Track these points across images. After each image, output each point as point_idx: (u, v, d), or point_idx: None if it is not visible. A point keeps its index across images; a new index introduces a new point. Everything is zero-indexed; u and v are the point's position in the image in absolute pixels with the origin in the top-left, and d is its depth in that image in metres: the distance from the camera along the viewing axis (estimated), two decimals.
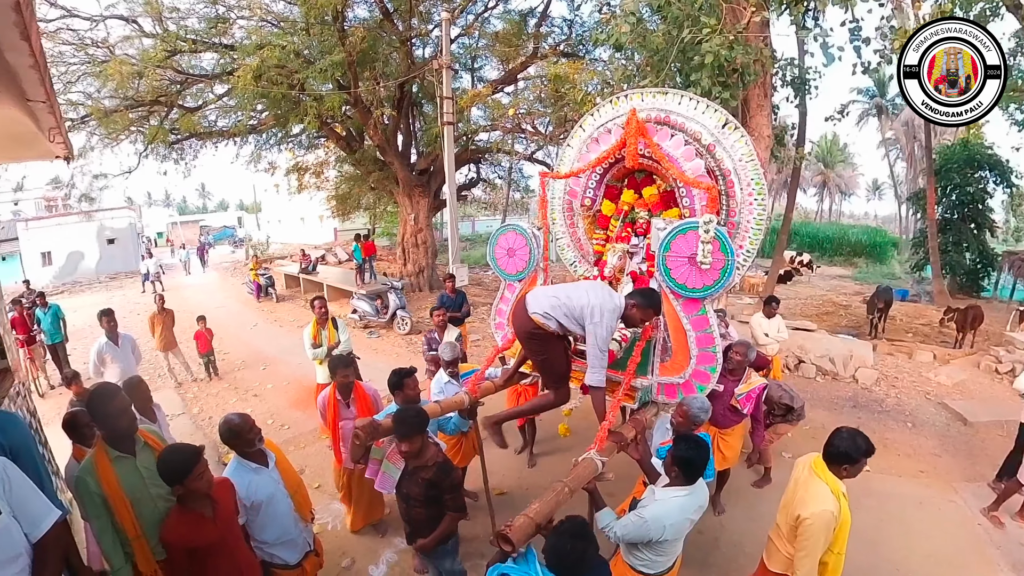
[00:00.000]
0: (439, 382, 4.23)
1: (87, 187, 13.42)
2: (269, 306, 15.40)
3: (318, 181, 17.12)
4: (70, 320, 9.78)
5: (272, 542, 2.97)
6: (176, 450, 2.44)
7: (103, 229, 26.82)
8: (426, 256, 14.58)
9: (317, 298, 5.97)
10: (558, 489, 2.59)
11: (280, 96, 10.52)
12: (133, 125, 12.14)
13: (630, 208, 4.39)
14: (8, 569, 1.83)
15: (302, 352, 5.81)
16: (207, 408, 7.74)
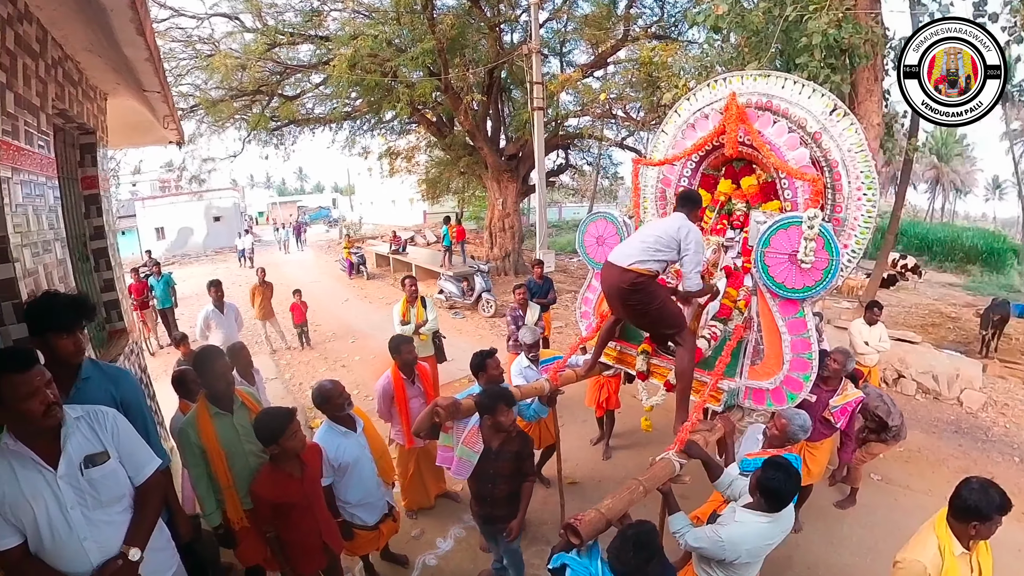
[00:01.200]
0: (519, 366, 4.22)
1: (197, 169, 14.63)
2: (360, 283, 16.15)
3: (409, 165, 17.75)
4: (179, 288, 10.89)
5: (355, 503, 3.15)
6: (272, 412, 2.62)
7: (210, 208, 29.60)
8: (512, 241, 14.72)
9: (408, 277, 6.13)
10: (632, 487, 2.52)
11: (373, 84, 10.89)
12: (237, 113, 13.09)
13: (727, 199, 4.16)
14: (113, 507, 2.01)
15: (390, 327, 5.99)
16: (298, 375, 8.32)
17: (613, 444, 5.30)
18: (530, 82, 10.18)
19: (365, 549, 3.40)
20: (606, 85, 12.54)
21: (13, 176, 2.51)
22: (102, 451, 1.97)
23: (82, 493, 1.90)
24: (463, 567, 3.79)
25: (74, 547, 1.88)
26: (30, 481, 1.82)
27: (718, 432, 3.12)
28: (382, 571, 3.74)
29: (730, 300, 3.67)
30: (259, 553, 2.89)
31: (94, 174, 4.28)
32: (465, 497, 4.34)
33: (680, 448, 2.81)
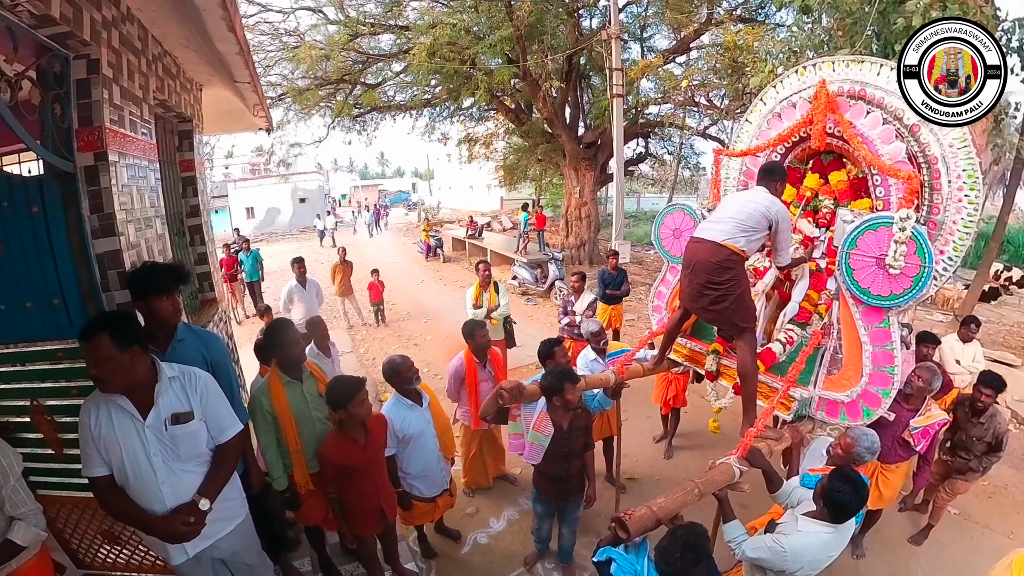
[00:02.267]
0: (585, 358, 4.21)
1: (284, 154, 15.47)
2: (436, 265, 16.60)
3: (487, 152, 17.89)
4: (266, 264, 11.66)
5: (415, 474, 3.30)
6: (343, 380, 2.79)
7: (296, 190, 31.45)
8: (588, 230, 14.53)
9: (482, 262, 6.23)
10: (687, 488, 2.45)
11: (452, 71, 11.05)
12: (322, 101, 13.66)
13: (813, 195, 3.87)
14: (191, 462, 2.22)
15: (462, 310, 6.12)
16: (372, 350, 8.76)
17: (676, 444, 5.17)
18: (609, 68, 9.90)
19: (420, 520, 3.55)
20: (688, 71, 12.03)
21: (119, 160, 2.77)
22: (188, 411, 2.18)
23: (164, 445, 2.13)
24: (512, 548, 3.86)
25: (152, 488, 2.12)
26: (123, 425, 2.07)
27: (784, 442, 2.96)
28: (435, 543, 3.88)
29: (810, 303, 3.45)
30: (320, 514, 3.09)
31: (191, 158, 4.66)
32: (522, 480, 4.45)
33: (742, 454, 2.69)
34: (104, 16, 2.65)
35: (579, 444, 3.18)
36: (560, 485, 3.23)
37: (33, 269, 2.57)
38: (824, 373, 3.18)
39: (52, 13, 2.15)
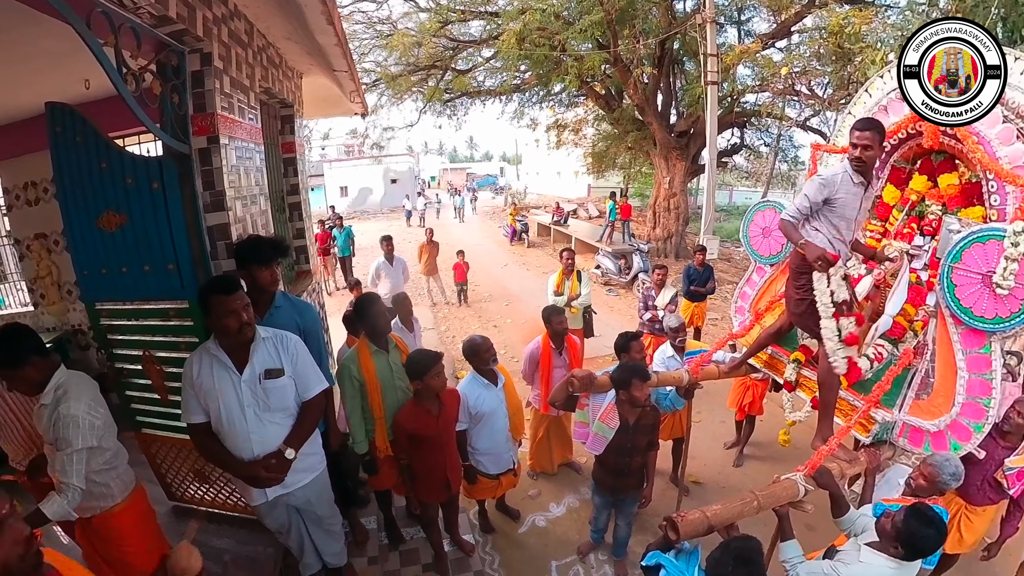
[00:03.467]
0: (662, 354, 4.16)
1: (377, 137, 16.26)
2: (520, 250, 16.75)
3: (576, 138, 17.69)
4: (357, 240, 12.30)
5: (482, 451, 3.41)
6: (423, 352, 2.97)
7: (388, 171, 32.77)
8: (676, 223, 14.06)
9: (566, 250, 6.21)
10: (746, 499, 2.37)
11: (542, 57, 11.02)
12: (414, 86, 14.14)
13: (919, 198, 3.52)
14: (278, 415, 2.45)
15: (543, 295, 6.15)
16: (452, 328, 9.05)
17: (748, 452, 4.95)
18: (704, 54, 9.45)
19: (483, 495, 3.68)
20: (789, 57, 10.99)
21: (229, 143, 3.04)
22: (279, 368, 2.41)
23: (256, 397, 2.36)
24: (568, 535, 3.91)
25: (243, 437, 2.35)
26: (221, 378, 2.32)
27: (858, 466, 2.75)
28: (494, 519, 4.00)
29: (906, 319, 3.14)
30: (391, 479, 3.29)
31: (292, 140, 5.01)
32: (587, 470, 4.44)
33: (810, 472, 2.56)
34: (215, 14, 2.91)
35: (643, 441, 3.15)
36: (619, 479, 3.23)
37: (152, 237, 2.90)
38: (912, 397, 2.91)
39: (170, 13, 2.41)
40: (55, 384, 2.17)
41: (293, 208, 5.20)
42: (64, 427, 2.09)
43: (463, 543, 3.64)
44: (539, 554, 3.74)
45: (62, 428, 2.09)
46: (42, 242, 5.20)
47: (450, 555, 3.55)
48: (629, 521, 3.46)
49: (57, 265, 5.20)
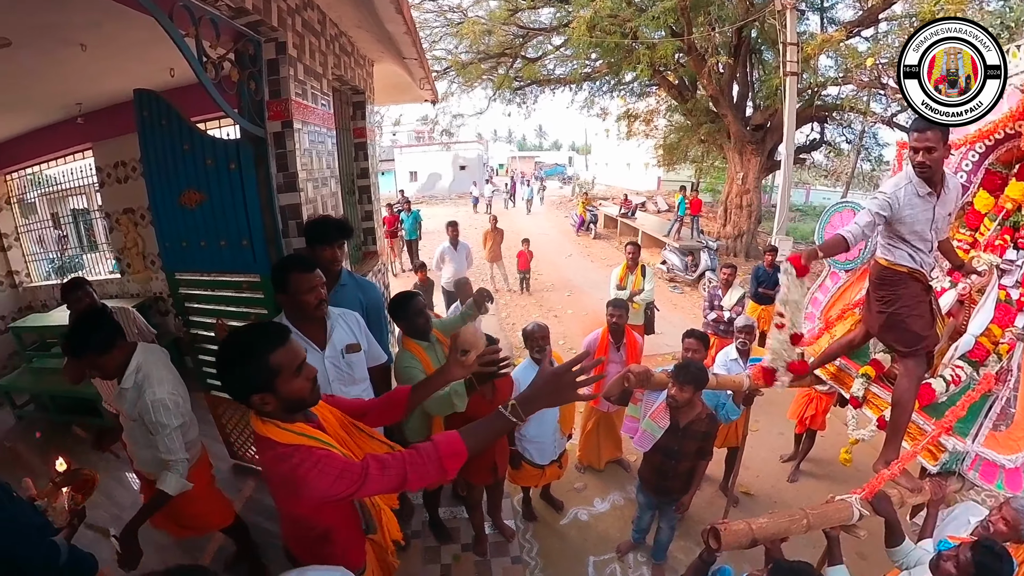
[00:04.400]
0: (725, 356, 4.05)
1: (447, 123, 16.54)
2: (585, 241, 16.60)
3: (647, 129, 17.19)
4: (424, 224, 12.57)
5: (530, 438, 3.43)
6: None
7: (457, 158, 33.37)
8: (748, 221, 13.42)
9: (631, 243, 6.13)
10: (795, 516, 2.27)
11: (613, 45, 10.76)
12: (484, 74, 14.15)
13: (1015, 207, 3.20)
14: (359, 385, 2.61)
15: (605, 288, 6.14)
16: (513, 315, 9.14)
17: (804, 468, 4.69)
18: (783, 43, 8.93)
19: (527, 482, 3.72)
20: (875, 48, 9.99)
21: (302, 127, 3.19)
22: (357, 343, 2.55)
23: (341, 372, 2.51)
24: (610, 532, 3.89)
25: None
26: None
27: (921, 496, 2.55)
28: (537, 508, 4.04)
29: (990, 340, 2.86)
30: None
31: (363, 126, 5.18)
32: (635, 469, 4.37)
33: (868, 495, 2.41)
34: (289, 4, 3.04)
35: (691, 447, 3.07)
36: (662, 480, 3.18)
37: (229, 214, 3.11)
38: (988, 427, 2.65)
39: (246, 5, 2.55)
40: (135, 367, 2.32)
41: (362, 191, 5.39)
42: (156, 412, 2.27)
43: (504, 527, 3.70)
44: (578, 548, 3.74)
45: (155, 414, 2.27)
46: (130, 216, 5.70)
47: (490, 538, 3.61)
48: (672, 525, 3.40)
49: (142, 237, 5.69)
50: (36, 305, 6.67)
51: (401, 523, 3.56)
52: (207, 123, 4.56)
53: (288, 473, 1.43)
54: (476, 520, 3.49)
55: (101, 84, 4.40)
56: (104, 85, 4.43)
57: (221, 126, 4.76)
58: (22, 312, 6.64)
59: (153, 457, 2.40)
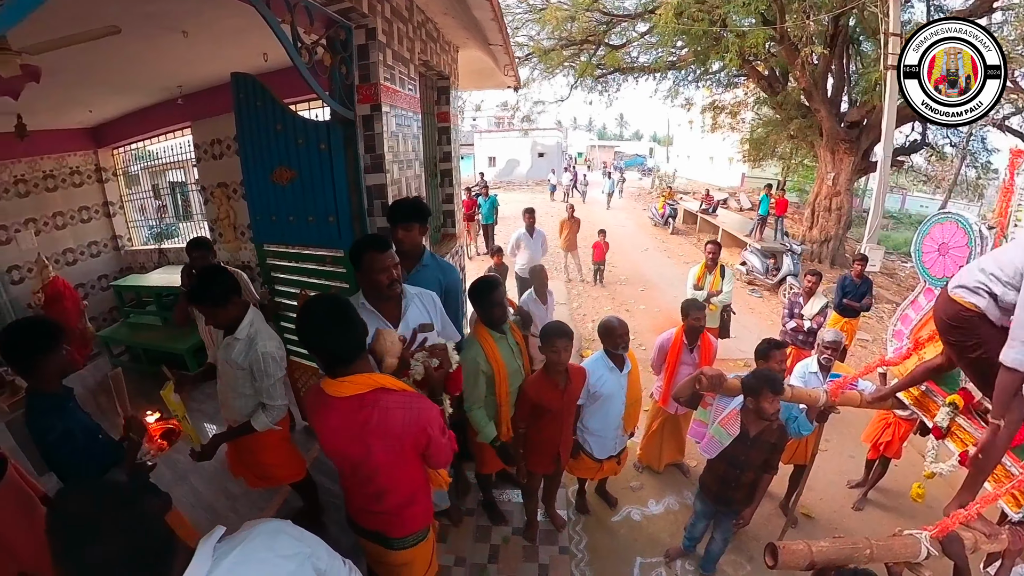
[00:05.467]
0: (804, 368, 3.88)
1: (527, 110, 16.47)
2: (663, 235, 16.17)
3: (733, 122, 16.48)
4: (501, 209, 12.66)
5: (591, 431, 3.42)
6: (558, 324, 2.95)
7: (535, 144, 33.28)
8: (837, 225, 12.52)
9: (712, 242, 5.90)
10: (859, 544, 2.14)
11: (700, 32, 10.31)
12: (566, 61, 13.98)
13: None
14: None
15: (680, 286, 6.03)
16: (584, 307, 9.08)
17: (872, 497, 4.36)
18: (885, 33, 8.08)
19: (582, 473, 3.71)
20: None
21: (390, 111, 3.31)
22: (430, 322, 2.58)
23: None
24: (660, 535, 3.83)
25: None
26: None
27: (998, 543, 2.32)
28: (591, 502, 4.04)
29: None
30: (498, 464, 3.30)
31: (447, 110, 5.29)
32: (694, 475, 4.32)
33: (938, 534, 2.24)
34: None
35: (759, 458, 2.97)
36: (724, 489, 3.09)
37: (317, 192, 3.29)
38: None
39: None
40: (248, 322, 2.60)
41: (444, 174, 5.53)
42: (266, 363, 2.55)
43: (556, 517, 3.72)
44: (627, 546, 3.72)
45: (264, 364, 2.55)
46: (223, 190, 6.16)
47: (541, 525, 3.65)
48: (727, 537, 3.32)
49: (234, 210, 6.15)
50: (135, 267, 7.48)
51: (456, 500, 3.72)
52: (298, 105, 4.81)
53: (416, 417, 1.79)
54: (530, 506, 3.54)
55: (200, 68, 4.74)
56: (203, 69, 4.78)
57: (311, 108, 5.02)
58: (123, 272, 7.48)
59: (243, 406, 2.68)
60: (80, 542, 0.94)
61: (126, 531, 0.97)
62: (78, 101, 5.79)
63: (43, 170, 6.49)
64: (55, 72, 3.33)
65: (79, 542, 0.94)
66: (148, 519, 1.03)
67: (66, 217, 6.86)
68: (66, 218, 6.86)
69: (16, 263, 6.19)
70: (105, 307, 7.11)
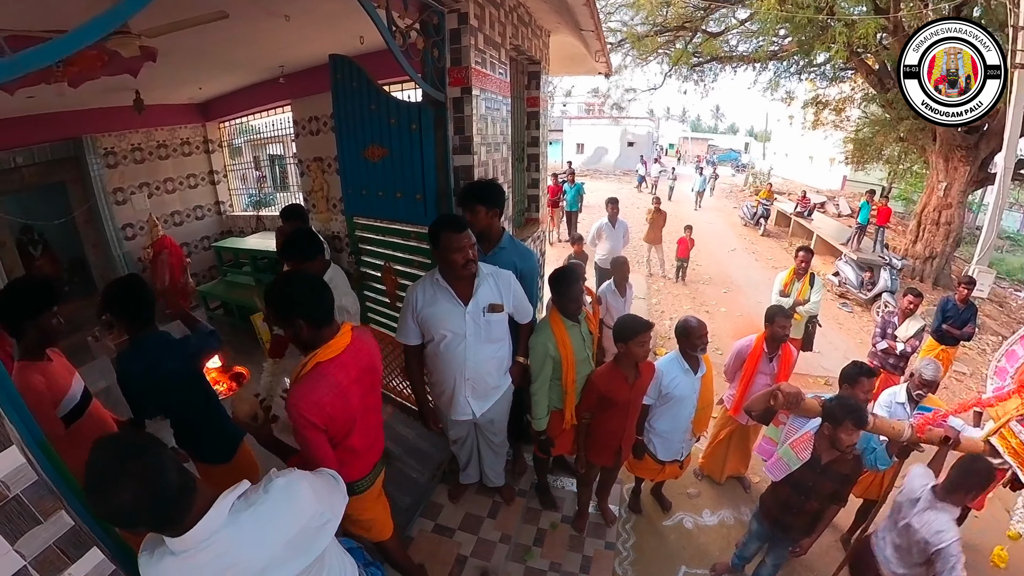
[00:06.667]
0: (891, 397, 3.54)
1: (618, 98, 16.12)
2: (752, 236, 15.44)
3: (837, 119, 15.22)
4: (586, 197, 12.53)
5: (658, 432, 3.37)
6: (635, 318, 2.93)
7: (625, 133, 32.71)
8: (944, 242, 11.23)
9: (804, 248, 5.58)
10: None
11: (806, 20, 9.56)
12: (660, 48, 13.45)
13: None
14: (493, 345, 2.79)
15: (765, 290, 5.78)
16: (663, 303, 8.93)
17: None
18: (1013, 26, 7.24)
19: (642, 473, 3.68)
20: None
21: (480, 94, 3.39)
22: (500, 304, 2.70)
23: (478, 329, 2.69)
24: (709, 549, 3.71)
25: (459, 361, 2.73)
26: (448, 309, 2.67)
27: None
28: (645, 501, 3.99)
29: None
30: (566, 447, 3.34)
31: (536, 95, 5.33)
32: (754, 491, 4.17)
33: None
34: None
35: (828, 488, 2.75)
36: (785, 514, 2.91)
37: (406, 170, 3.43)
38: None
39: None
40: (329, 277, 2.82)
41: (531, 159, 5.59)
42: (340, 315, 2.67)
43: (607, 511, 3.71)
44: (674, 553, 3.64)
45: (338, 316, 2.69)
46: (319, 164, 6.58)
47: (591, 517, 3.66)
48: (778, 564, 3.14)
49: (327, 183, 6.56)
50: (235, 230, 8.27)
51: (511, 479, 3.80)
52: (391, 86, 5.00)
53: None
54: (583, 497, 3.55)
55: (300, 50, 5.06)
56: (303, 50, 5.09)
57: (404, 89, 5.22)
58: (223, 235, 8.34)
59: None
60: (98, 488, 1.09)
61: (138, 479, 1.10)
62: (189, 79, 6.36)
63: (157, 140, 7.35)
64: (169, 53, 3.70)
65: (98, 487, 1.09)
66: (160, 469, 1.15)
67: (175, 183, 7.73)
68: (175, 183, 7.73)
69: (130, 221, 7.08)
70: (205, 265, 7.92)
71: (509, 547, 3.35)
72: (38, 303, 2.09)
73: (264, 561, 1.27)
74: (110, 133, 6.72)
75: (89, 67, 3.64)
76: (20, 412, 1.35)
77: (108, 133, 6.70)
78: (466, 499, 3.67)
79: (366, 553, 1.95)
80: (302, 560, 1.36)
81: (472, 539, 3.38)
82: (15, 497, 1.23)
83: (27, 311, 2.06)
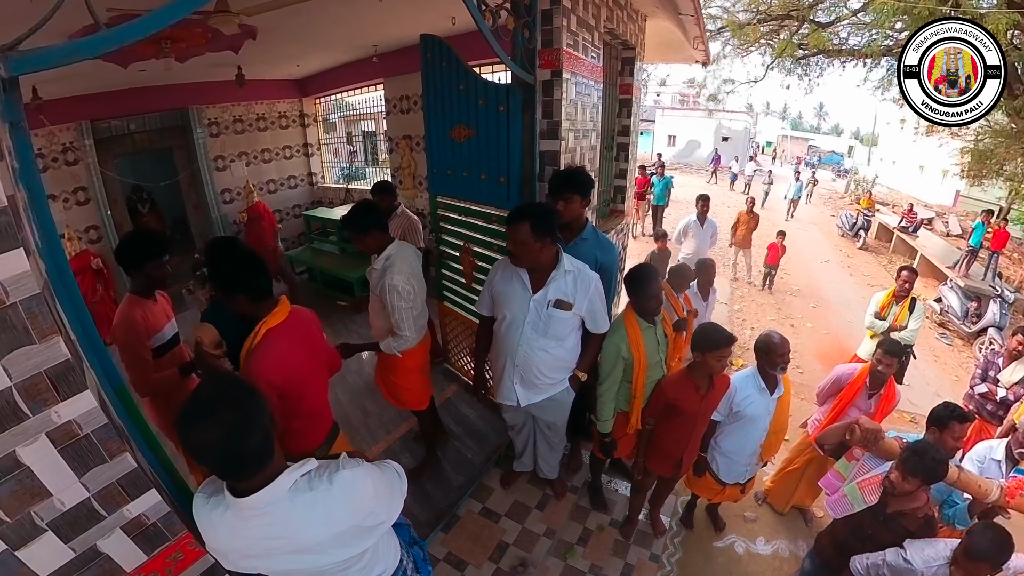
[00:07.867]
0: (987, 452, 3.15)
1: (715, 89, 15.08)
2: (849, 249, 14.33)
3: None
4: (674, 192, 12.07)
5: (724, 451, 3.18)
6: (718, 329, 2.77)
7: (720, 127, 31.03)
8: None
9: (907, 268, 5.07)
10: None
11: (926, 13, 8.51)
12: (763, 38, 12.44)
13: None
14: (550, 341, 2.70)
15: (859, 309, 5.37)
16: (745, 311, 8.47)
17: None
18: None
19: (700, 491, 3.49)
20: None
21: (570, 78, 3.29)
22: (569, 302, 2.63)
23: (538, 319, 2.66)
24: None
25: (513, 343, 2.73)
26: (516, 292, 2.67)
27: None
28: (698, 517, 3.81)
29: None
30: (626, 451, 3.24)
31: (630, 82, 5.16)
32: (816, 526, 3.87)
33: None
34: None
35: (887, 540, 2.45)
36: (839, 557, 2.66)
37: (492, 152, 3.41)
38: None
39: None
40: (386, 255, 2.84)
41: (620, 148, 5.43)
42: (390, 294, 2.78)
43: (658, 522, 3.59)
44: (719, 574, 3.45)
45: (389, 294, 2.79)
46: (407, 142, 6.81)
47: (640, 525, 3.55)
48: None
49: (415, 161, 6.78)
50: (325, 201, 8.79)
51: (565, 474, 3.75)
52: (481, 67, 4.97)
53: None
54: (635, 503, 3.44)
55: (393, 30, 5.19)
56: (395, 31, 5.22)
57: (494, 71, 5.21)
58: (313, 204, 8.88)
59: (382, 326, 2.98)
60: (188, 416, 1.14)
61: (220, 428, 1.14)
62: (288, 57, 6.71)
63: (256, 113, 7.97)
64: (270, 31, 3.88)
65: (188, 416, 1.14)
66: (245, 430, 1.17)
67: (272, 153, 8.35)
68: (272, 154, 8.35)
69: (228, 187, 7.74)
70: (295, 232, 8.46)
71: (552, 542, 3.32)
72: (154, 251, 2.52)
73: (309, 544, 1.30)
74: (214, 105, 7.35)
75: (194, 44, 3.92)
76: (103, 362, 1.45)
77: (212, 105, 7.33)
78: (517, 487, 3.66)
79: (412, 530, 1.96)
80: (345, 552, 1.38)
81: (517, 528, 3.37)
82: (86, 436, 1.32)
83: (144, 256, 2.49)
